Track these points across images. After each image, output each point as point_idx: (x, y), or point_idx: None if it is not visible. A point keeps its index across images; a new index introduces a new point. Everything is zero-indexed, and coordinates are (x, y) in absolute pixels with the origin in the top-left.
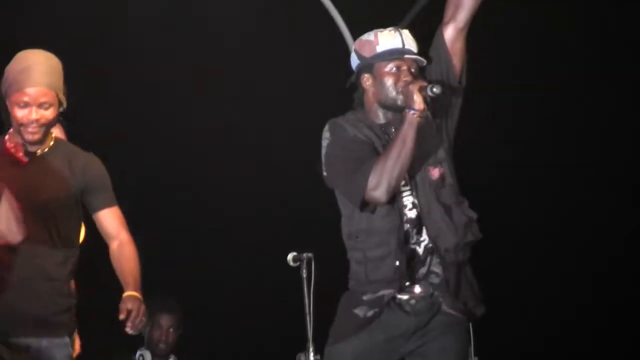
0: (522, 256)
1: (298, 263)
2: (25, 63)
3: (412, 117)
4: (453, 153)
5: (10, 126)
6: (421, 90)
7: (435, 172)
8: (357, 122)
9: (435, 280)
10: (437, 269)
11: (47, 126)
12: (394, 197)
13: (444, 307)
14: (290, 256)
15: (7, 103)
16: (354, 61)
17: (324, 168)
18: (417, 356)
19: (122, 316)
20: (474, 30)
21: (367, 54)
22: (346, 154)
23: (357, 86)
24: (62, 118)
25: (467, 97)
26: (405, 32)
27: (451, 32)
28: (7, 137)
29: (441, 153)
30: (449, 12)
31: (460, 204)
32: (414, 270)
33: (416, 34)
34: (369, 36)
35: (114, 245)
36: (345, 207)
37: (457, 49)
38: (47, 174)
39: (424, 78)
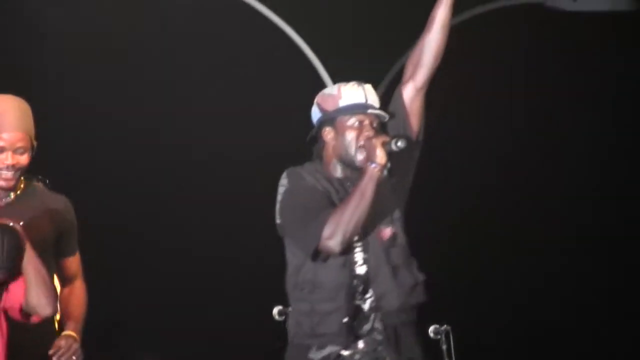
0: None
1: (284, 317)
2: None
3: (374, 170)
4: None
5: None
6: (384, 144)
7: (387, 232)
8: (315, 172)
9: (378, 336)
10: (380, 325)
11: (22, 172)
12: (346, 253)
13: None
14: (275, 310)
15: None
16: (316, 114)
17: (277, 215)
18: None
19: (51, 351)
20: None
21: (329, 107)
22: (303, 202)
23: (317, 139)
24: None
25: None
26: (368, 87)
27: (410, 91)
28: None
29: (395, 212)
30: (408, 71)
31: (409, 264)
32: (359, 326)
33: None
34: (332, 90)
35: (67, 290)
36: (295, 256)
37: (416, 108)
38: (24, 219)
39: (386, 133)
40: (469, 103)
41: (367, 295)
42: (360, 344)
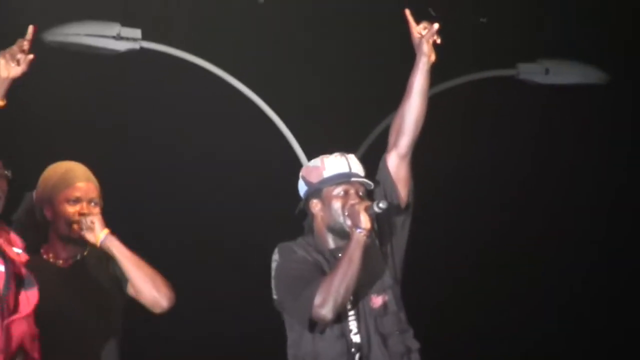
0: None
1: None
2: (63, 167)
3: (359, 235)
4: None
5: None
6: (367, 209)
7: (377, 300)
8: (307, 246)
9: None
10: None
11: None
12: (341, 322)
13: None
14: None
15: (50, 207)
16: (302, 188)
17: (274, 291)
18: None
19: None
20: None
21: (314, 179)
22: (294, 275)
23: (306, 213)
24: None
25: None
26: (351, 157)
27: (394, 159)
28: (42, 250)
29: (387, 280)
30: (391, 139)
31: (403, 332)
32: None
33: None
34: (315, 162)
35: None
36: (293, 330)
37: (402, 175)
38: (96, 279)
39: (372, 200)
40: (445, 172)
41: None
42: None
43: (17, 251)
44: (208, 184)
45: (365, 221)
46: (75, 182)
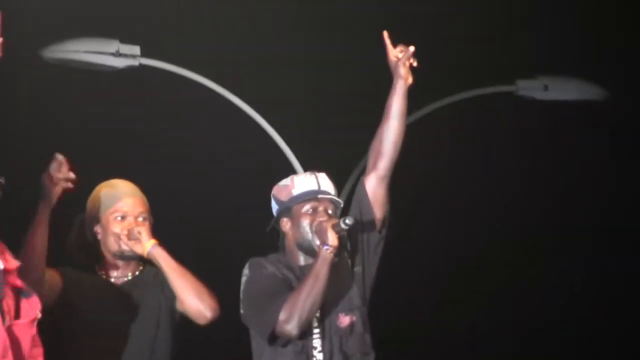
0: None
1: None
2: (109, 185)
3: (326, 252)
4: (370, 300)
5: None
6: (334, 226)
7: (345, 320)
8: (278, 262)
9: None
10: None
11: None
12: (305, 338)
13: None
14: None
15: (99, 225)
16: (274, 207)
17: (241, 305)
18: None
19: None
20: None
21: (283, 197)
22: (261, 289)
23: (277, 231)
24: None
25: None
26: (322, 175)
27: (373, 181)
28: (97, 269)
29: (356, 300)
30: (370, 161)
31: (366, 355)
32: None
33: None
34: (285, 181)
35: None
36: (258, 345)
37: (379, 198)
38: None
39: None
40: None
41: None
42: None
43: (9, 260)
44: (205, 197)
45: (332, 238)
46: (122, 198)
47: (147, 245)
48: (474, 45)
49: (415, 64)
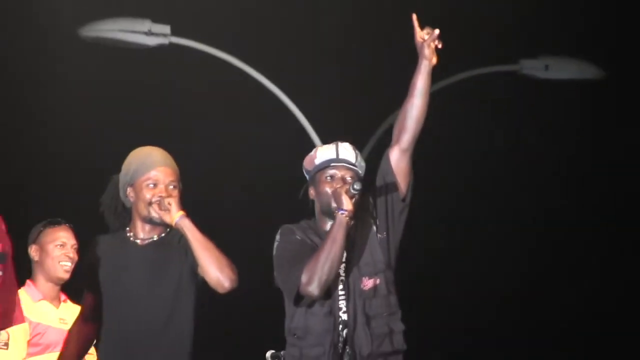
0: None
1: None
2: (143, 152)
3: (342, 217)
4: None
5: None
6: (348, 192)
7: (368, 283)
8: (307, 228)
9: None
10: None
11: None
12: (331, 300)
13: None
14: (268, 354)
15: (132, 189)
16: (305, 175)
17: (274, 269)
18: None
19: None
20: None
21: (309, 166)
22: (289, 255)
23: (307, 199)
24: None
25: None
26: (344, 144)
27: (396, 153)
28: (127, 229)
29: (380, 264)
30: (394, 135)
31: (391, 315)
32: None
33: None
34: (311, 152)
35: None
36: (289, 305)
37: (402, 169)
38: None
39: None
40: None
41: (348, 342)
42: None
43: None
44: (231, 175)
45: (347, 203)
46: (155, 166)
47: (176, 216)
48: (478, 25)
49: (440, 45)
